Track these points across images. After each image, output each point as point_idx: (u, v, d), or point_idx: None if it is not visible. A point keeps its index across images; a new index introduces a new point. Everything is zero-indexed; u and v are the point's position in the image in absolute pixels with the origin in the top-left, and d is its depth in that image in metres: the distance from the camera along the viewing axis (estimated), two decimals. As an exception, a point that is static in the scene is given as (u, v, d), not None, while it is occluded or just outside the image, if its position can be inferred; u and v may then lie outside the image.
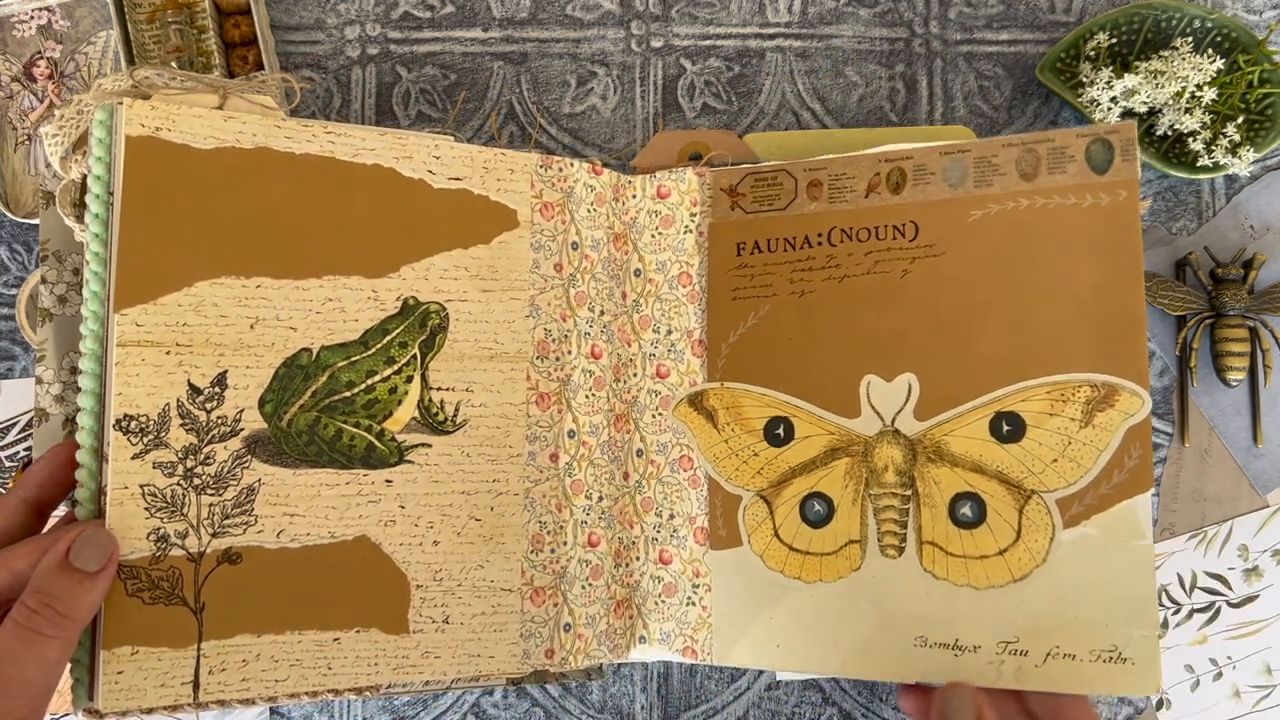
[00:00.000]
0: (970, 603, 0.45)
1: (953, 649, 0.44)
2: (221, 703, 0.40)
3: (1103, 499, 0.43)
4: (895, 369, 0.47)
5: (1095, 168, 0.45)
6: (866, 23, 0.57)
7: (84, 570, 0.36)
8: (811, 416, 0.48)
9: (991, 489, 0.45)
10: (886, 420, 0.47)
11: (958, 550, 0.45)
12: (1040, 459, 0.45)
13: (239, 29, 0.54)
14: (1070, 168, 0.45)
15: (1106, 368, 0.44)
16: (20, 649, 0.34)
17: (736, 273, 0.50)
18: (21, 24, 0.55)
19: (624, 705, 0.53)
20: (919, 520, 0.46)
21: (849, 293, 0.48)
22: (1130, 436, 0.43)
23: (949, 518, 0.46)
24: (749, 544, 0.49)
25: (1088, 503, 0.44)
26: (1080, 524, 0.44)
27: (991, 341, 0.46)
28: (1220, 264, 0.54)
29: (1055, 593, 0.44)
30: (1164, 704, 0.53)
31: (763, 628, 0.48)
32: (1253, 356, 0.54)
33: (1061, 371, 0.44)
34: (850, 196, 0.49)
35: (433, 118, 0.56)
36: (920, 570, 0.46)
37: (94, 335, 0.39)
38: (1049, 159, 0.46)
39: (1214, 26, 0.53)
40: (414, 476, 0.44)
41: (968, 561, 0.45)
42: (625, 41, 0.56)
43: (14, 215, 0.54)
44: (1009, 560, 0.44)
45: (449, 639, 0.44)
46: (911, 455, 0.46)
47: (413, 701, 0.53)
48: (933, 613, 0.45)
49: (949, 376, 0.46)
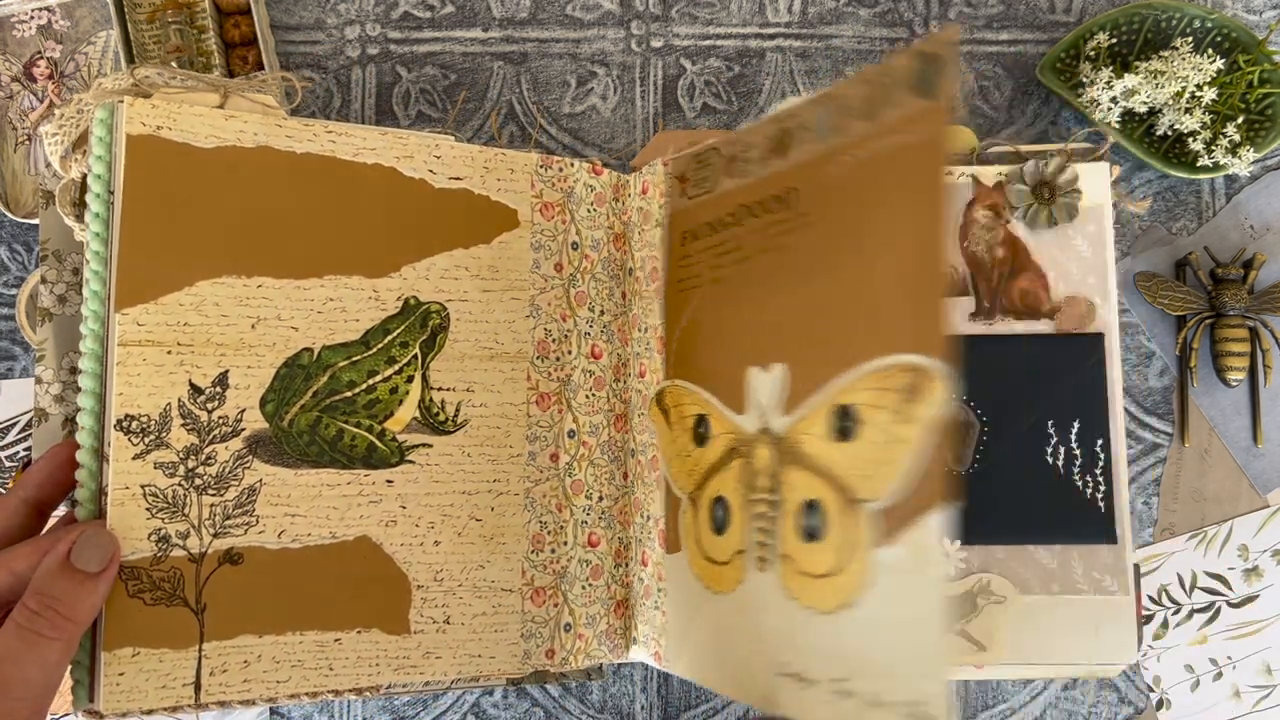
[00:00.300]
0: (813, 628, 0.37)
1: (799, 681, 0.38)
2: (222, 703, 0.40)
3: (911, 512, 0.34)
4: (772, 358, 0.41)
5: (923, 92, 0.35)
6: (866, 23, 0.57)
7: (85, 571, 0.36)
8: (718, 413, 0.44)
9: (830, 497, 0.38)
10: (762, 416, 0.41)
11: (807, 567, 0.38)
12: (869, 460, 0.36)
13: (239, 29, 0.54)
14: (899, 97, 0.35)
15: (916, 345, 0.34)
16: (21, 650, 0.34)
17: (680, 264, 0.46)
18: (21, 24, 0.55)
19: (624, 705, 0.53)
20: (781, 530, 0.40)
21: (748, 275, 0.42)
22: (932, 433, 0.34)
23: (798, 529, 0.39)
24: (684, 548, 0.45)
25: (899, 517, 0.35)
26: (895, 542, 0.35)
27: (839, 319, 0.38)
28: (1220, 264, 0.54)
29: (875, 625, 0.35)
30: (1164, 704, 0.53)
31: (693, 637, 0.44)
32: (1253, 356, 0.54)
33: (884, 353, 0.35)
34: (752, 168, 0.43)
35: (433, 118, 0.56)
36: (780, 587, 0.39)
37: (94, 335, 0.39)
38: (886, 91, 0.36)
39: (1214, 26, 0.53)
40: (415, 476, 0.44)
41: (812, 580, 0.38)
42: (625, 41, 0.56)
43: (14, 215, 0.54)
44: (838, 582, 0.37)
45: (450, 639, 0.44)
46: (778, 455, 0.40)
47: (413, 701, 0.53)
48: (791, 637, 0.38)
49: (809, 365, 0.39)
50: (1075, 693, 0.53)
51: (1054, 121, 0.56)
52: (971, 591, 0.48)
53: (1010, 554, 0.48)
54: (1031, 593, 0.48)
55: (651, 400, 0.49)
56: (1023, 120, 0.56)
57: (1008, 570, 0.48)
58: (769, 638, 0.39)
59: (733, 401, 0.43)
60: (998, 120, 0.56)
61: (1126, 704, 0.53)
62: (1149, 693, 0.53)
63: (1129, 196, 0.55)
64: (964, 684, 0.53)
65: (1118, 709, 0.53)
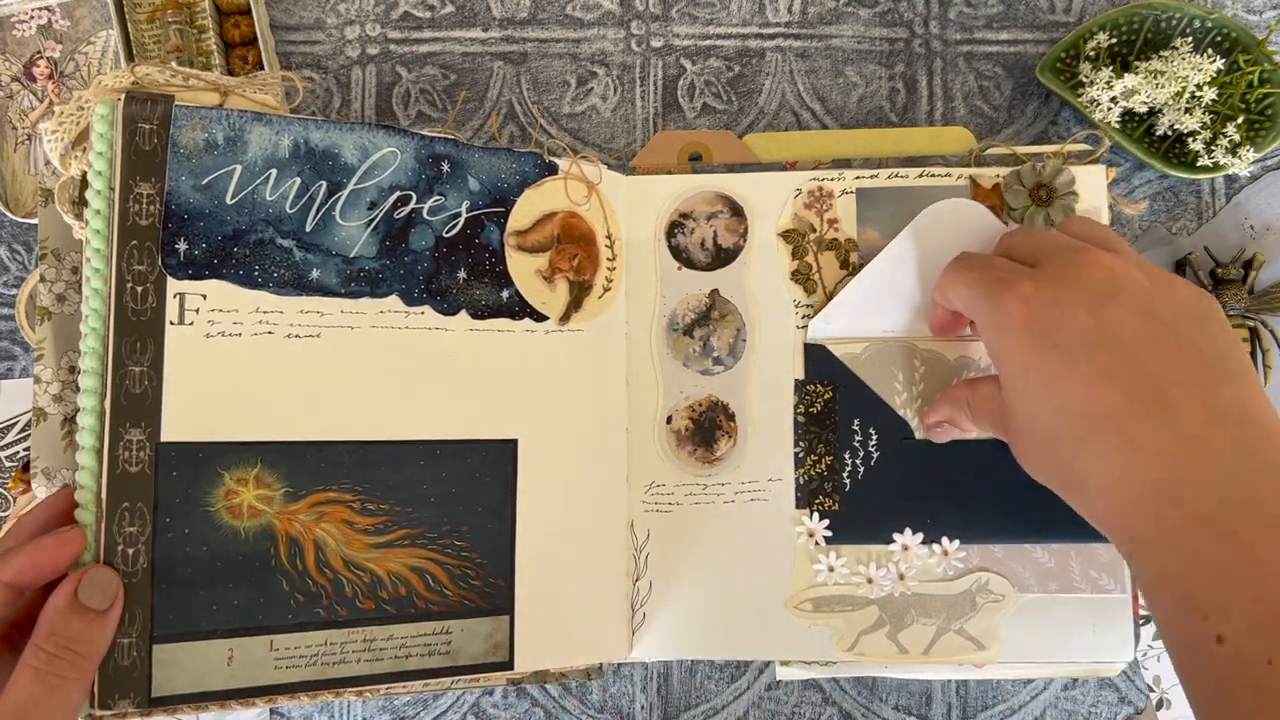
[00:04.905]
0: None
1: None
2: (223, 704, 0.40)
3: None
4: None
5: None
6: (866, 23, 0.57)
7: (96, 609, 0.36)
8: None
9: None
10: None
11: None
12: None
13: (239, 29, 0.54)
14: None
15: None
16: (45, 695, 0.34)
17: None
18: (21, 24, 0.55)
19: (624, 705, 0.53)
20: None
21: None
22: None
23: None
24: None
25: None
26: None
27: None
28: (1220, 264, 0.54)
29: None
30: (1164, 704, 0.53)
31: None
32: (1253, 356, 0.54)
33: None
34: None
35: (433, 118, 0.56)
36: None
37: (95, 334, 0.39)
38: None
39: (1214, 26, 0.53)
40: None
41: None
42: (625, 41, 0.56)
43: (14, 215, 0.54)
44: None
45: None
46: None
47: (413, 701, 0.53)
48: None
49: None
50: (1075, 693, 0.53)
51: (1054, 121, 0.56)
52: (970, 591, 0.48)
53: (1008, 553, 0.48)
54: (1030, 591, 0.48)
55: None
56: (1022, 120, 0.56)
57: (1006, 569, 0.48)
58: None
59: None
60: (997, 120, 0.56)
61: (1126, 704, 0.53)
62: (1149, 692, 0.53)
63: (1125, 198, 0.55)
64: (964, 684, 0.53)
65: (1118, 709, 0.53)
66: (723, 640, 0.49)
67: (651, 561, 0.50)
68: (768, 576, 0.49)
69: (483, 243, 0.46)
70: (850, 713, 0.53)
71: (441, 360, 0.45)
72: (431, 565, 0.44)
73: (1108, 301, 0.37)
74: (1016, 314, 0.38)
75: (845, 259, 0.50)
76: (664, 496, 0.50)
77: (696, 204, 0.52)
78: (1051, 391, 0.37)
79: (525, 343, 0.47)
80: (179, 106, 0.40)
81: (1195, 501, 0.33)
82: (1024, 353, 0.38)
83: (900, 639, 0.48)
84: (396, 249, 0.44)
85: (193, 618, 0.40)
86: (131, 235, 0.39)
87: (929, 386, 0.49)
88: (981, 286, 0.40)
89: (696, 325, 0.51)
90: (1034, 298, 0.38)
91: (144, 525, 0.39)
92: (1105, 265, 0.38)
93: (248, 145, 0.42)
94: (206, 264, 0.41)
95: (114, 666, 0.38)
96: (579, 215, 0.49)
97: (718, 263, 0.51)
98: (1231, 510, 0.33)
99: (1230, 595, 0.32)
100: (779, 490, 0.50)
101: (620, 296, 0.51)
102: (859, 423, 0.49)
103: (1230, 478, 0.33)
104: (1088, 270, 0.38)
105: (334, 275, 0.43)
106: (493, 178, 0.47)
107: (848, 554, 0.49)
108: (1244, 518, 0.32)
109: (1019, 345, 0.38)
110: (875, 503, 0.49)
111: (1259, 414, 0.35)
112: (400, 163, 0.45)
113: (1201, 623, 0.32)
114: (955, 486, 0.49)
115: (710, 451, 0.50)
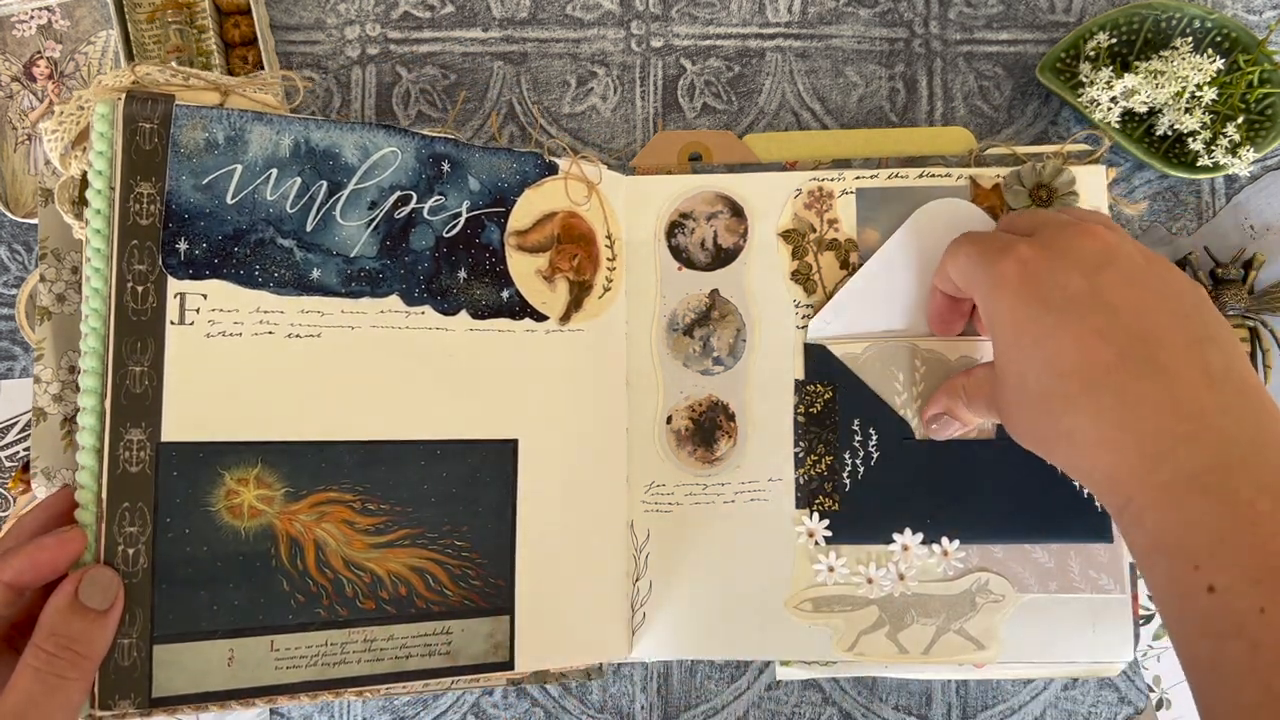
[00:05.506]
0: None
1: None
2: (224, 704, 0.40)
3: None
4: None
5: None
6: (866, 23, 0.57)
7: (96, 610, 0.36)
8: None
9: None
10: None
11: None
12: None
13: (239, 29, 0.54)
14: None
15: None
16: (44, 695, 0.34)
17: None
18: (21, 24, 0.55)
19: (624, 705, 0.53)
20: None
21: None
22: None
23: None
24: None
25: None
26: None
27: None
28: (1220, 264, 0.54)
29: None
30: (1164, 704, 0.53)
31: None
32: (1253, 356, 0.54)
33: None
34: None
35: (433, 118, 0.56)
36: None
37: (95, 334, 0.39)
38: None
39: (1214, 26, 0.53)
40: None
41: None
42: (625, 41, 0.56)
43: (14, 215, 0.54)
44: None
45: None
46: None
47: (413, 701, 0.53)
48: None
49: None
50: (1075, 693, 0.53)
51: (1054, 121, 0.56)
52: (970, 591, 0.48)
53: (1008, 553, 0.48)
54: (1029, 591, 0.48)
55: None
56: (1022, 120, 0.56)
57: (1005, 569, 0.48)
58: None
59: None
60: (997, 120, 0.56)
61: (1126, 704, 0.53)
62: (1149, 692, 0.53)
63: (1125, 198, 0.55)
64: (964, 684, 0.53)
65: (1117, 709, 0.53)
66: (723, 640, 0.49)
67: (651, 561, 0.50)
68: (768, 576, 0.49)
69: (483, 243, 0.46)
70: (850, 713, 0.53)
71: (442, 360, 0.45)
72: (432, 565, 0.44)
73: (1102, 268, 0.37)
74: (1012, 274, 0.38)
75: (845, 259, 0.50)
76: (664, 496, 0.50)
77: (696, 204, 0.52)
78: (1043, 349, 0.37)
79: (525, 343, 0.47)
80: (179, 106, 0.40)
81: (1191, 459, 0.33)
82: (1016, 313, 0.38)
83: (900, 639, 0.48)
84: (397, 249, 0.44)
85: (193, 618, 0.40)
86: (132, 235, 0.39)
87: (929, 386, 0.49)
88: (980, 255, 0.41)
89: (696, 325, 0.51)
90: (1030, 259, 0.38)
91: (144, 525, 0.39)
92: (1101, 236, 0.38)
93: (248, 145, 0.42)
94: (207, 264, 0.41)
95: (114, 667, 0.38)
96: (579, 215, 0.49)
97: (718, 263, 0.51)
98: (1230, 469, 0.33)
99: (1226, 551, 0.32)
100: (779, 490, 0.50)
101: (620, 296, 0.51)
102: (859, 423, 0.50)
103: (1226, 437, 0.33)
104: (1084, 239, 0.38)
105: (334, 275, 0.43)
106: (493, 178, 0.47)
107: (848, 554, 0.49)
108: (1242, 476, 0.32)
109: (1011, 306, 0.38)
110: (875, 503, 0.49)
111: (1251, 380, 0.35)
112: (400, 162, 0.45)
113: (1193, 572, 0.32)
114: (955, 486, 0.49)
115: (710, 451, 0.50)
